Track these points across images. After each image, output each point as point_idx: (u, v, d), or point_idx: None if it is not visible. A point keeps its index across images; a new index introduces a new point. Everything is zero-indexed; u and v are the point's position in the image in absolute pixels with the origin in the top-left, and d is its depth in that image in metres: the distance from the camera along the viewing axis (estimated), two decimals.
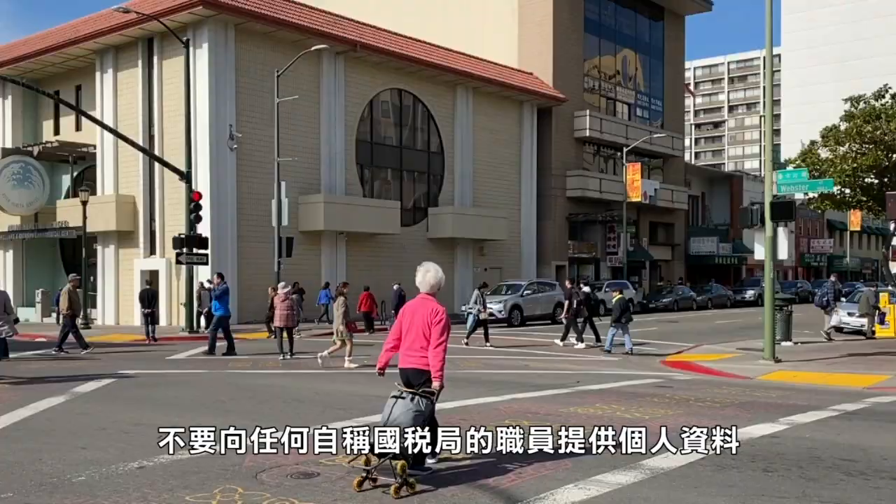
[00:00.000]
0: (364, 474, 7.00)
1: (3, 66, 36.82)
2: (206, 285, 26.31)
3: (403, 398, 7.04)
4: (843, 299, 28.08)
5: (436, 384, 7.12)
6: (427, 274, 7.51)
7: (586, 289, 25.00)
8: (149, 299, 25.37)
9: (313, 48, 30.74)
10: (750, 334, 25.63)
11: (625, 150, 47.00)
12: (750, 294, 51.89)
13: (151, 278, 32.84)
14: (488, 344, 22.72)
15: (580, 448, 7.65)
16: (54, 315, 34.13)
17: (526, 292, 33.41)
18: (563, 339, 23.52)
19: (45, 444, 8.86)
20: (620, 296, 22.01)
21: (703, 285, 52.30)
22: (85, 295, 32.18)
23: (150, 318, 25.09)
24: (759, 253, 18.49)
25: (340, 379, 15.12)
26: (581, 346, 22.75)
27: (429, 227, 40.19)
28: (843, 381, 15.29)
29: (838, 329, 25.55)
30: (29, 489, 7.05)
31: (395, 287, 30.22)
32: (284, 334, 19.24)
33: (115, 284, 34.32)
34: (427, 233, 40.13)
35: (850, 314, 26.26)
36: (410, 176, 40.16)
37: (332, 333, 19.29)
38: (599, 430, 7.60)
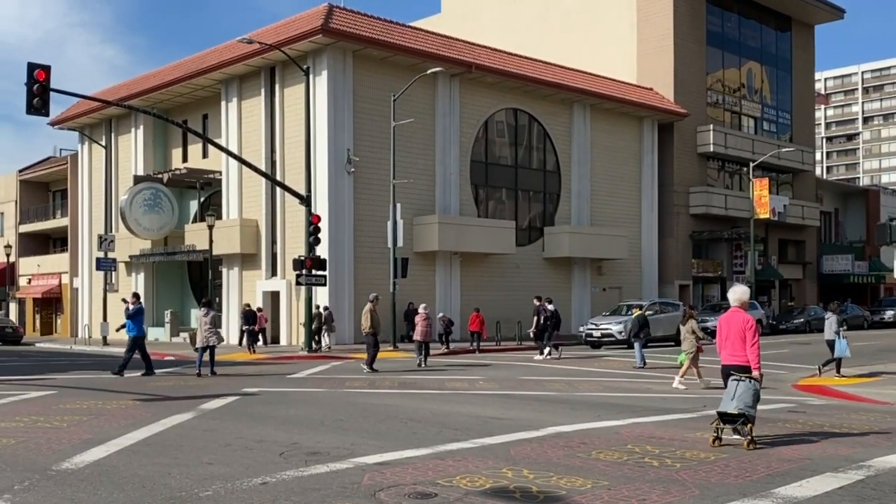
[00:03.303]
0: (715, 434, 9.69)
1: (136, 97, 38.90)
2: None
3: (742, 381, 9.51)
4: None
5: (756, 373, 9.61)
6: (735, 293, 10.03)
7: (551, 307, 26.38)
8: (249, 318, 29.66)
9: (429, 71, 31.08)
10: (889, 357, 24.11)
11: (751, 165, 45.37)
12: (889, 315, 48.96)
13: (272, 299, 33.98)
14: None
15: (708, 473, 7.25)
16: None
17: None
18: (541, 352, 25.75)
19: (173, 459, 9.09)
20: (639, 312, 23.21)
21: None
22: None
23: (252, 335, 29.44)
24: None
25: (454, 399, 15.02)
26: (540, 357, 25.33)
27: (545, 246, 39.82)
28: None
29: None
30: (159, 503, 7.21)
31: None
32: (422, 347, 22.90)
33: (239, 305, 35.48)
34: (543, 252, 39.77)
35: None
36: (525, 195, 39.95)
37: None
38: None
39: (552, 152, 40.70)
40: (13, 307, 52.94)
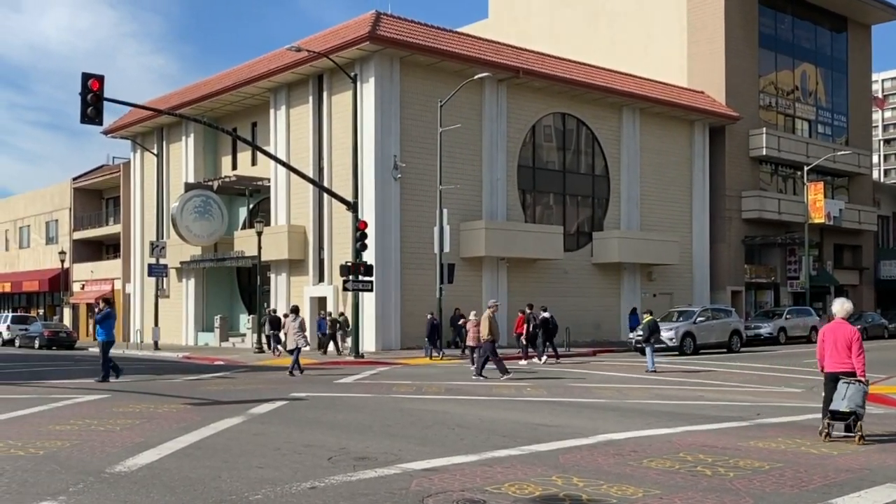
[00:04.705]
0: (826, 430, 10.71)
1: (187, 106, 39.52)
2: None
3: (852, 384, 10.41)
4: None
5: (861, 378, 10.50)
6: (844, 305, 11.03)
7: (546, 314, 27.52)
8: (274, 323, 31.41)
9: (476, 77, 31.03)
10: None
11: (805, 168, 44.47)
12: None
13: (320, 305, 34.22)
14: None
15: (762, 483, 7.05)
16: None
17: (699, 319, 31.79)
18: (538, 356, 26.75)
19: (223, 463, 9.16)
20: (651, 318, 23.70)
21: (895, 312, 48.43)
22: (259, 320, 33.80)
23: (276, 339, 30.82)
24: None
25: (502, 406, 14.92)
26: (525, 362, 26.20)
27: (593, 251, 39.47)
28: None
29: None
30: None
31: (429, 317, 29.17)
32: (474, 353, 22.61)
33: (287, 310, 35.76)
34: (591, 258, 39.42)
35: None
36: (574, 200, 39.65)
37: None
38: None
39: (601, 156, 40.34)
40: (67, 312, 54.12)
